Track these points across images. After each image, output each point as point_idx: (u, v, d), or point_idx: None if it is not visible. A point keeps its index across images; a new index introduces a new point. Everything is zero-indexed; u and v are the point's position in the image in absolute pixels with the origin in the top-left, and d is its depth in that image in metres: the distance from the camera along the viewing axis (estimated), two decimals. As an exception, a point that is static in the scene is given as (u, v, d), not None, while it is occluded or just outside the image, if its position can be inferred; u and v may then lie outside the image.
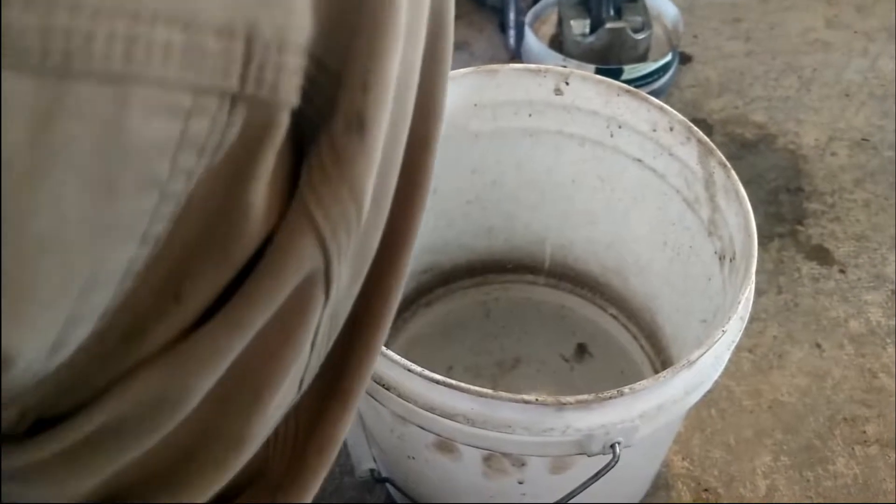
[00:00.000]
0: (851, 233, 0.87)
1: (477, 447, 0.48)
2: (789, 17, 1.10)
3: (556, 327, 0.75)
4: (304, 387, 0.26)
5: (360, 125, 0.20)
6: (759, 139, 0.96)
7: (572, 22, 0.96)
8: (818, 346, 0.78)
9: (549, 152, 0.66)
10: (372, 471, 0.59)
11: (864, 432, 0.73)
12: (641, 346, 0.72)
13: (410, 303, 0.74)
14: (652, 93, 0.92)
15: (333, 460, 0.28)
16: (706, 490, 0.70)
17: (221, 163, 0.19)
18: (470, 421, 0.46)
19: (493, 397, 0.45)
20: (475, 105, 0.63)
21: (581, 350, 0.74)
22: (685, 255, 0.63)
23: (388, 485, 0.66)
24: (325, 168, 0.21)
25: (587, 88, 0.61)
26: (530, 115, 0.64)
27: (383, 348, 0.47)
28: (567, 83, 0.61)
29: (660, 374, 0.46)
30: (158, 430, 0.23)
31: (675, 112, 0.58)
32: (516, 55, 1.04)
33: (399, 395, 0.47)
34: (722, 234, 0.57)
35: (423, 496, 0.61)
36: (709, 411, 0.74)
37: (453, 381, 0.45)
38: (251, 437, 0.25)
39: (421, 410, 0.47)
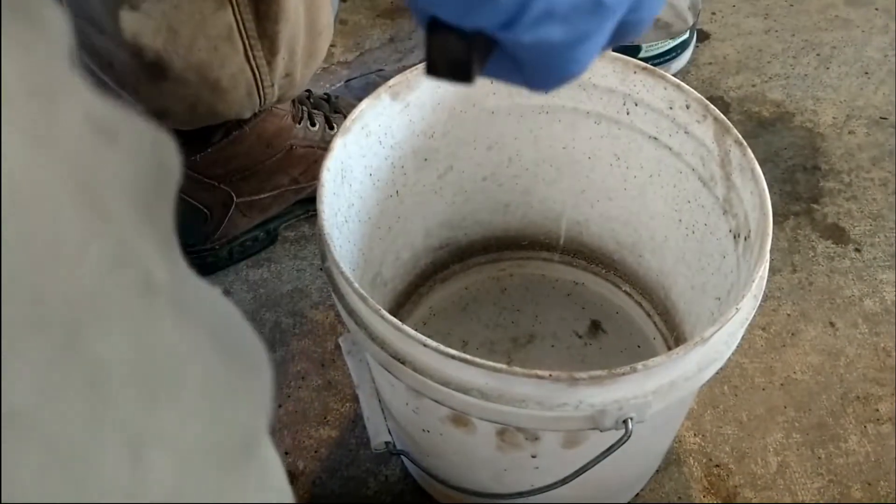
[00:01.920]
0: (868, 212, 0.87)
1: (491, 421, 0.49)
2: (809, -7, 1.09)
3: (571, 304, 0.76)
4: None
5: None
6: (777, 117, 0.95)
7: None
8: (832, 324, 0.79)
9: (565, 129, 0.66)
10: (387, 443, 0.59)
11: (877, 410, 0.73)
12: (655, 323, 0.73)
13: (426, 278, 0.75)
14: (670, 71, 0.92)
15: None
16: (717, 466, 0.70)
17: None
18: (484, 395, 0.46)
19: (507, 372, 0.45)
20: (492, 82, 0.63)
21: (595, 326, 0.75)
22: (700, 232, 0.63)
23: (402, 457, 0.67)
24: None
25: (603, 65, 0.61)
26: (546, 92, 0.63)
27: (399, 323, 0.47)
28: (584, 60, 0.61)
29: (673, 351, 0.46)
30: None
31: (691, 90, 0.58)
32: (533, 31, 1.03)
33: (414, 370, 0.48)
34: (737, 212, 0.57)
35: (437, 469, 0.62)
36: (721, 388, 0.74)
37: (468, 356, 0.45)
38: None
39: (436, 384, 0.47)
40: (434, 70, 0.26)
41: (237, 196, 0.79)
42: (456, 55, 0.25)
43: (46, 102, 0.18)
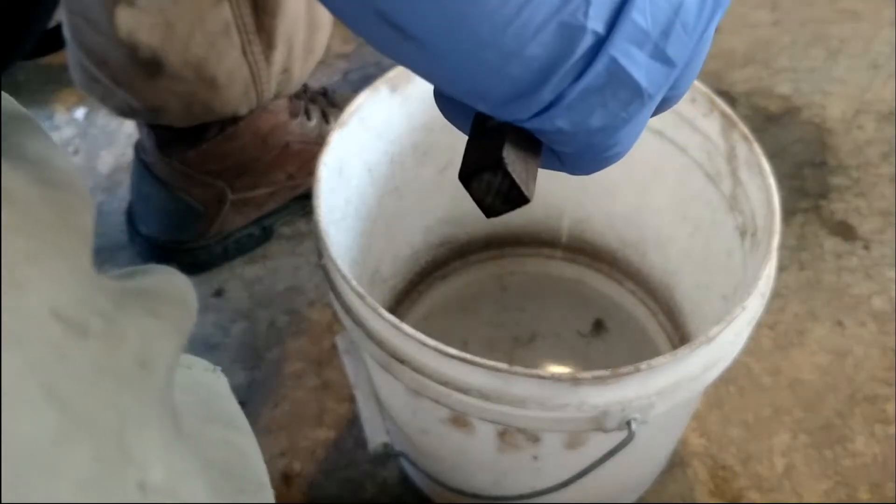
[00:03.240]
0: (876, 208, 0.86)
1: (491, 422, 0.48)
2: (817, -14, 1.07)
3: (573, 302, 0.75)
4: None
5: None
6: (784, 112, 0.94)
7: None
8: (840, 323, 0.77)
9: (567, 124, 0.65)
10: (385, 445, 0.58)
11: (885, 411, 0.72)
12: (659, 322, 0.72)
13: (426, 276, 0.74)
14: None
15: None
16: (723, 468, 0.69)
17: None
18: (484, 396, 0.46)
19: (507, 372, 0.44)
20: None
21: (598, 325, 0.74)
22: (706, 229, 0.62)
23: (401, 459, 0.66)
24: None
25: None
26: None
27: (398, 321, 0.46)
28: (587, 53, 0.60)
29: (678, 351, 0.45)
30: None
31: (697, 83, 0.57)
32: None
33: (413, 369, 0.47)
34: (744, 208, 0.56)
35: (436, 471, 0.61)
36: (727, 388, 0.73)
37: (467, 356, 0.45)
38: None
39: (435, 384, 0.46)
40: (492, 212, 0.25)
41: (232, 192, 0.77)
42: (499, 188, 0.25)
43: (15, 297, 0.17)
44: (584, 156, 0.26)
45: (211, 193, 0.77)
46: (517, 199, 0.25)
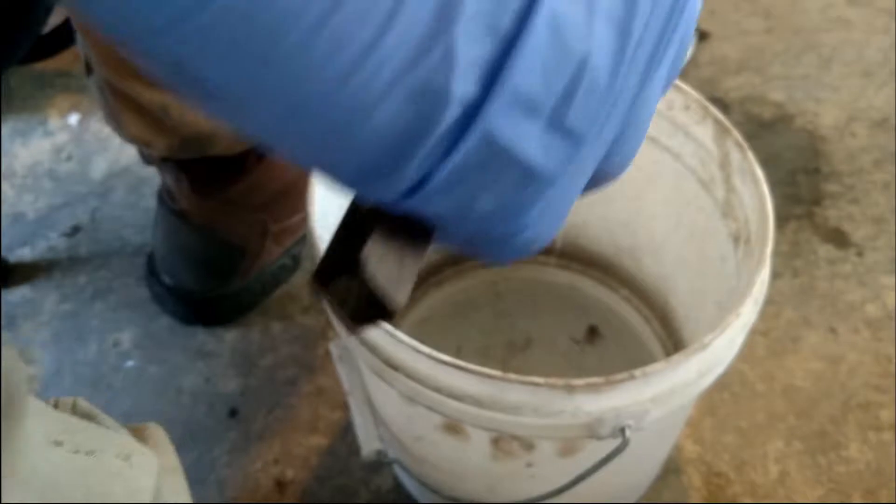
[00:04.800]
0: (870, 215, 0.86)
1: (485, 429, 0.48)
2: (810, -6, 1.08)
3: (567, 309, 0.75)
4: None
5: None
6: (777, 119, 0.94)
7: None
8: (833, 330, 0.77)
9: (561, 130, 0.65)
10: (379, 452, 0.58)
11: (878, 418, 0.72)
12: (653, 329, 0.72)
13: (420, 282, 0.73)
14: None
15: None
16: (717, 474, 0.69)
17: None
18: (478, 403, 0.45)
19: (501, 379, 0.44)
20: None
21: (592, 332, 0.73)
22: (700, 235, 0.62)
23: (395, 466, 0.66)
24: None
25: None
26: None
27: (391, 329, 0.46)
28: (581, 59, 0.60)
29: (672, 358, 0.45)
30: None
31: (690, 90, 0.57)
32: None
33: (407, 376, 0.47)
34: (737, 215, 0.56)
35: (430, 478, 0.60)
36: (721, 395, 0.73)
37: (461, 363, 0.44)
38: None
39: (428, 391, 0.46)
40: (357, 320, 0.20)
41: (273, 222, 0.75)
42: (359, 295, 0.19)
43: None
44: (487, 244, 0.20)
45: (255, 229, 0.74)
46: (380, 312, 0.20)
